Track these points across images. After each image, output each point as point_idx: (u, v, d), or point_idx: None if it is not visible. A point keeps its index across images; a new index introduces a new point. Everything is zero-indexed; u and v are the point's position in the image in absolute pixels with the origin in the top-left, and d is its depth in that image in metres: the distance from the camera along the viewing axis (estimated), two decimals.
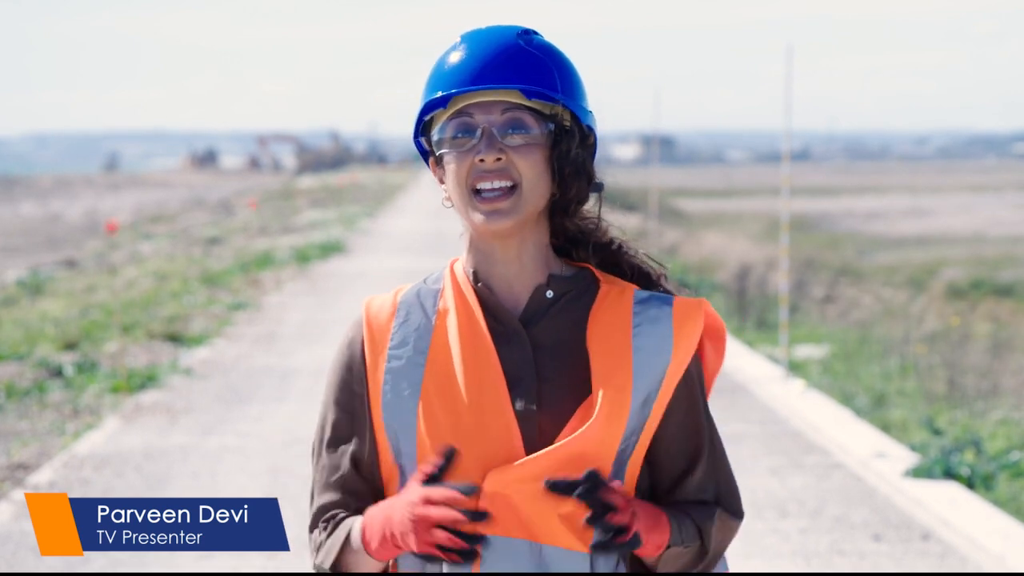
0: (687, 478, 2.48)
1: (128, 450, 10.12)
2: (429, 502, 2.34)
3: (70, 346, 15.12)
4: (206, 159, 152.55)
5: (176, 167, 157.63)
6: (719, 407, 11.56)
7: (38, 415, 11.57)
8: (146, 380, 12.93)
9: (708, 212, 55.26)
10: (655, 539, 2.39)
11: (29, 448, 10.30)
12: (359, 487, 2.49)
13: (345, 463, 2.49)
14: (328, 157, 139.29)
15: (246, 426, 10.90)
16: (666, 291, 2.56)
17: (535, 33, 2.51)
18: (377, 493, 2.49)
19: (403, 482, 2.45)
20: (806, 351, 15.29)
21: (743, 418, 11.18)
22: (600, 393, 2.41)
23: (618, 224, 2.62)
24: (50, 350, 14.87)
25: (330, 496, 2.50)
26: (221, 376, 13.42)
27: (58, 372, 13.40)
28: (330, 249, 30.04)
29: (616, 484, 2.37)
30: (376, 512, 2.42)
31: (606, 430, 2.40)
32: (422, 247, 29.92)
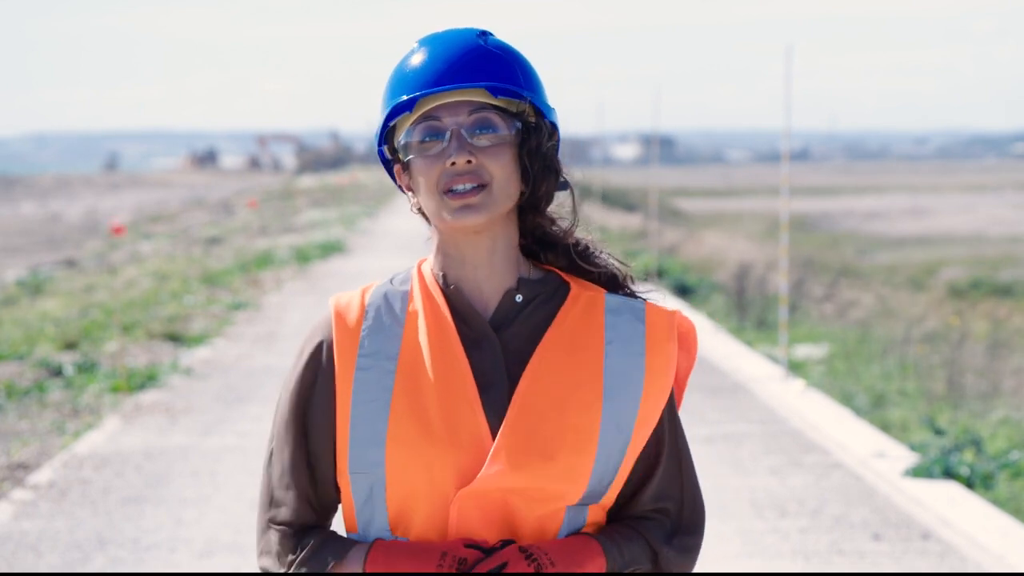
0: (645, 486, 2.46)
1: (128, 450, 10.12)
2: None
3: (70, 346, 15.13)
4: (206, 159, 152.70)
5: (176, 167, 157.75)
6: (719, 407, 11.57)
7: (38, 415, 11.57)
8: (146, 380, 12.93)
9: (708, 212, 55.29)
10: (589, 568, 2.37)
11: (29, 448, 10.30)
12: (314, 494, 2.46)
13: (305, 468, 2.45)
14: (328, 157, 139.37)
15: (246, 426, 10.91)
16: (634, 293, 2.54)
17: (491, 34, 2.49)
18: (327, 500, 2.46)
19: (364, 491, 2.41)
20: (806, 351, 15.29)
21: (743, 418, 11.18)
22: (566, 391, 2.40)
23: (619, 223, 2.60)
24: (50, 350, 14.88)
25: (290, 504, 2.46)
26: (221, 376, 13.43)
27: (58, 372, 13.40)
28: (330, 249, 30.06)
29: (504, 554, 2.35)
30: (395, 550, 2.38)
31: (575, 456, 2.38)
32: (422, 247, 29.82)
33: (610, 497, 2.43)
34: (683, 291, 21.38)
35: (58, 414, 11.59)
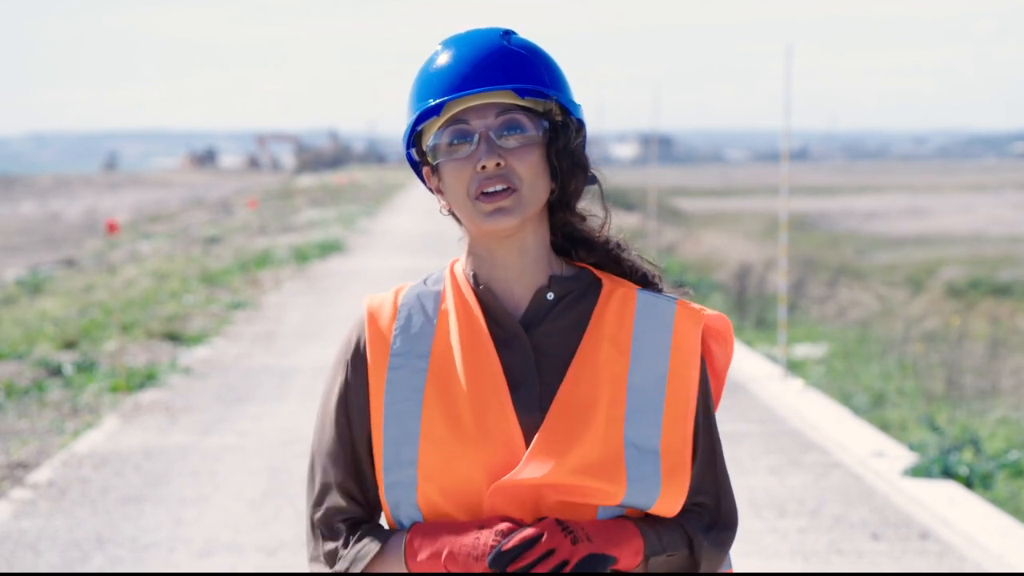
0: None
1: (127, 449, 10.12)
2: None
3: (69, 345, 15.12)
4: (205, 158, 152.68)
5: (175, 166, 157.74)
6: (718, 407, 11.57)
7: (37, 414, 11.57)
8: (145, 379, 12.93)
9: (707, 211, 55.27)
10: (626, 550, 2.38)
11: (28, 447, 10.30)
12: (359, 491, 2.48)
13: (348, 466, 2.48)
14: (327, 156, 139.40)
15: (245, 425, 10.90)
16: (663, 291, 2.55)
17: (514, 33, 2.50)
18: (372, 498, 2.49)
19: (397, 489, 2.43)
20: (805, 350, 15.29)
21: (742, 417, 11.18)
22: (598, 402, 2.42)
23: (616, 223, 2.61)
24: (49, 349, 14.88)
25: (335, 501, 2.48)
26: (220, 375, 13.42)
27: (57, 371, 13.40)
28: (329, 248, 30.04)
29: (541, 526, 2.35)
30: (432, 528, 2.40)
31: (605, 440, 2.40)
32: (421, 246, 29.93)
33: (660, 510, 2.43)
34: None
35: (57, 413, 11.59)
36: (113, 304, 18.59)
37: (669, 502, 2.43)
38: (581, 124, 2.48)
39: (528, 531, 2.34)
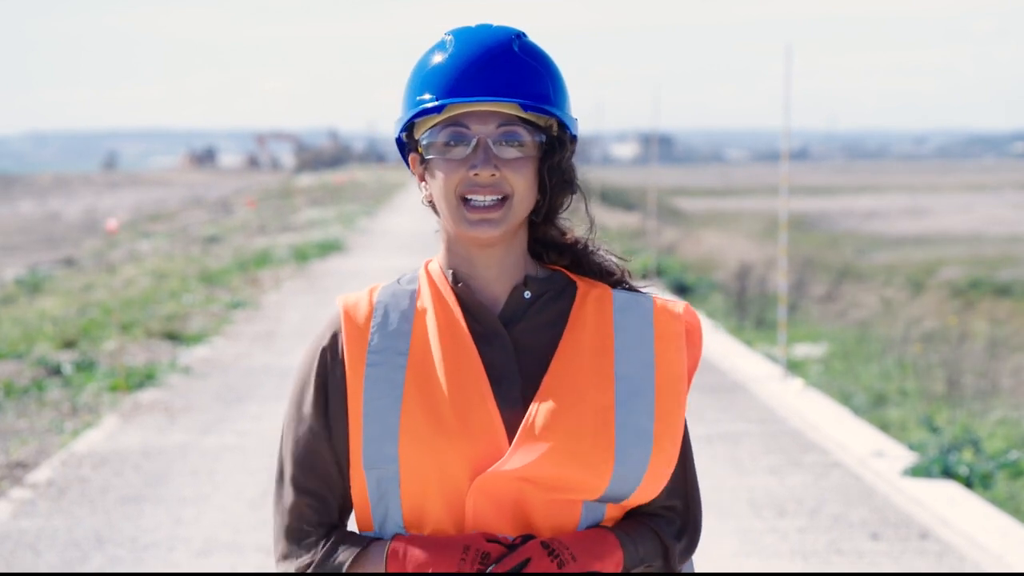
0: None
1: (127, 449, 10.12)
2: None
3: (69, 344, 15.12)
4: (205, 158, 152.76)
5: (175, 166, 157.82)
6: (718, 406, 11.57)
7: (37, 413, 11.56)
8: (145, 379, 12.92)
9: (707, 211, 55.29)
10: (608, 564, 2.39)
11: (28, 446, 10.30)
12: (330, 491, 2.46)
13: (320, 467, 2.45)
14: (327, 156, 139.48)
15: (245, 425, 10.90)
16: (634, 288, 2.55)
17: (525, 36, 2.49)
18: (345, 498, 2.47)
19: (378, 487, 2.42)
20: (805, 350, 15.29)
21: (742, 417, 11.18)
22: (584, 392, 2.41)
23: (617, 222, 2.61)
24: (49, 348, 14.87)
25: (307, 502, 2.46)
26: (220, 375, 13.42)
27: (57, 371, 13.39)
28: (329, 248, 30.05)
29: (526, 549, 2.35)
30: (416, 542, 2.39)
31: (594, 451, 2.39)
32: (420, 246, 29.92)
33: (635, 500, 2.43)
34: (682, 290, 21.39)
35: (57, 413, 11.58)
36: (112, 304, 18.59)
37: (647, 491, 2.43)
38: (574, 139, 2.48)
39: (514, 557, 2.34)
